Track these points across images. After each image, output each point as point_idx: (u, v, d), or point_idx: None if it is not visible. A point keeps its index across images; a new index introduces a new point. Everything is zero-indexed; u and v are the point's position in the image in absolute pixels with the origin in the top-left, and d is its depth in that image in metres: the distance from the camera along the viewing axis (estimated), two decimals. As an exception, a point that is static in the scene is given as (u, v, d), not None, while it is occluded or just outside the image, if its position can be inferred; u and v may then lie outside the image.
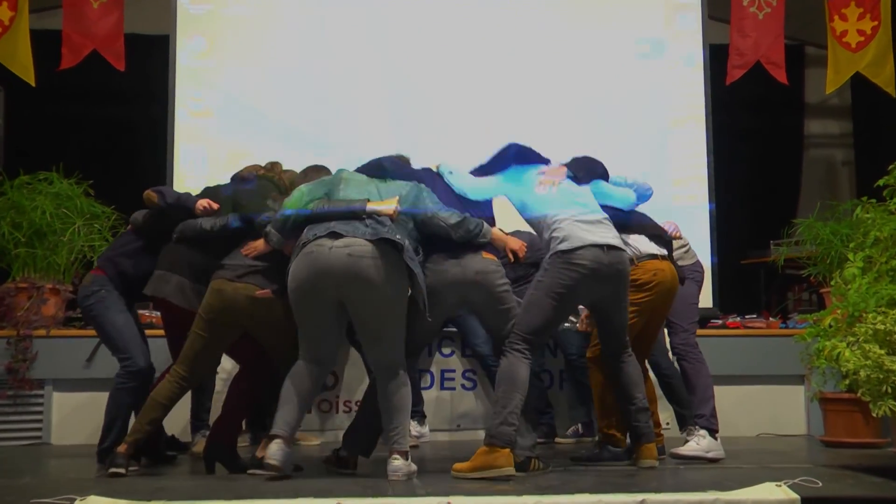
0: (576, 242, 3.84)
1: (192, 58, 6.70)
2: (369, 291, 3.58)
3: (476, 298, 3.94)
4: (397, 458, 3.60)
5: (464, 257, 3.86)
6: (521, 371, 3.79)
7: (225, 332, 3.94)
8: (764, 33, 7.03)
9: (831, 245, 5.99)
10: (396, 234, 3.61)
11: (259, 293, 3.83)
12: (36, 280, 5.67)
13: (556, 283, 3.83)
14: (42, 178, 5.93)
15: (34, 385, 5.44)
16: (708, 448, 4.33)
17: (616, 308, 4.01)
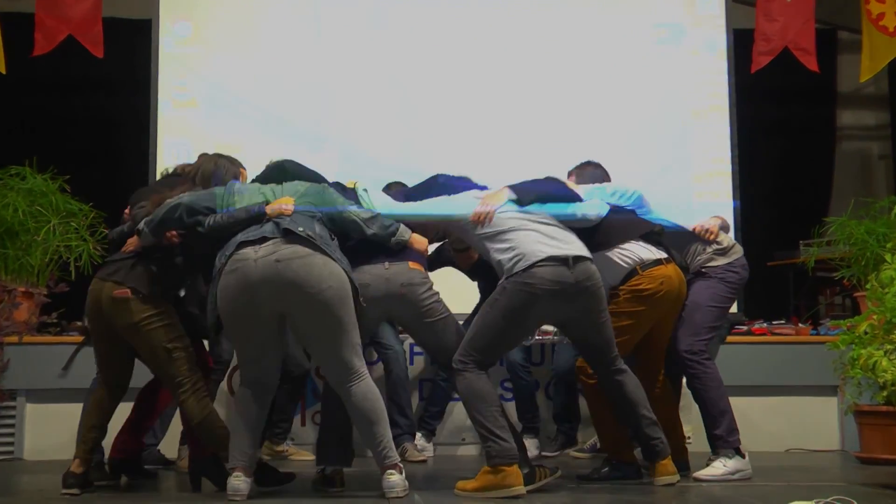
0: (531, 258, 3.75)
1: (176, 44, 6.69)
2: (309, 296, 3.54)
3: (402, 312, 3.94)
4: (393, 474, 3.58)
5: (388, 269, 3.85)
6: (482, 384, 3.76)
7: (106, 333, 3.95)
8: (793, 17, 6.98)
9: (866, 245, 5.97)
10: (299, 227, 3.60)
11: (116, 293, 3.83)
12: (7, 283, 5.67)
13: (511, 305, 3.76)
14: (14, 173, 5.93)
15: (5, 396, 5.44)
16: (735, 469, 4.22)
17: (591, 326, 3.89)
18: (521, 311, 3.76)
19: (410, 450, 5.19)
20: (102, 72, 7.15)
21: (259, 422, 3.75)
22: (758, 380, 5.74)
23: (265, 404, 3.78)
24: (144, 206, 4.01)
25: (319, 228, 3.70)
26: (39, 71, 6.87)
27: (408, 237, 3.93)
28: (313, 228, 3.66)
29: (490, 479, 3.66)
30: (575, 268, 3.76)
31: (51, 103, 7.69)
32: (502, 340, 3.87)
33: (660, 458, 3.99)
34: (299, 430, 5.51)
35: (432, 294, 3.93)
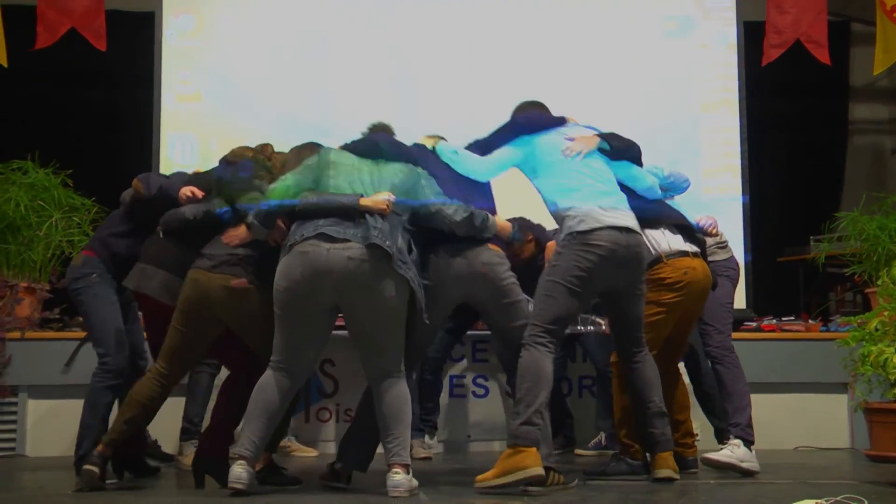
0: (592, 224, 3.85)
1: (179, 37, 6.71)
2: (369, 296, 3.60)
3: (481, 293, 3.95)
4: (398, 472, 3.59)
5: (469, 250, 3.88)
6: (546, 365, 3.79)
7: (203, 326, 3.94)
8: (805, 9, 6.97)
9: (878, 241, 5.96)
10: (387, 241, 3.61)
11: (234, 283, 3.83)
12: (9, 278, 5.69)
13: (572, 267, 3.83)
14: (16, 167, 5.94)
15: (7, 392, 5.45)
16: (742, 458, 4.31)
17: (631, 298, 4.00)
18: (581, 272, 3.83)
19: (416, 447, 5.20)
20: (105, 65, 7.17)
21: (278, 413, 3.73)
22: (767, 377, 5.74)
23: (290, 396, 3.77)
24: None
25: (402, 241, 3.70)
26: (41, 64, 6.88)
27: (495, 230, 3.96)
28: (396, 241, 3.65)
29: (508, 463, 3.66)
30: (627, 236, 3.89)
31: (53, 97, 7.70)
32: (565, 305, 3.87)
33: (660, 450, 4.00)
34: (303, 427, 5.52)
35: (511, 275, 3.96)
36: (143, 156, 6.60)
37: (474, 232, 3.88)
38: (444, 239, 3.89)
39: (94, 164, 6.95)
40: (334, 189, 3.80)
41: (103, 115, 7.70)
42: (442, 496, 3.59)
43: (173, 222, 4.10)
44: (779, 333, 6.15)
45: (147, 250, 4.15)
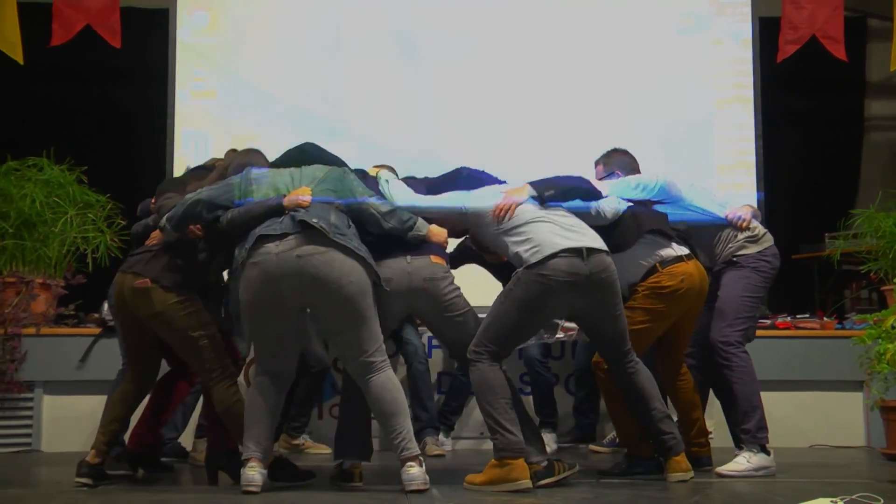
0: (547, 250, 3.76)
1: (193, 34, 6.74)
2: (330, 290, 3.60)
3: (423, 307, 3.96)
4: (413, 466, 3.59)
5: (411, 263, 3.86)
6: (494, 377, 3.78)
7: (133, 326, 3.99)
8: (821, 4, 6.93)
9: (894, 238, 5.93)
10: (313, 218, 3.62)
11: (137, 283, 3.87)
12: (25, 274, 5.72)
13: (525, 297, 3.77)
14: (31, 164, 5.97)
15: (23, 387, 5.49)
16: (759, 465, 4.19)
17: (605, 317, 3.89)
18: (536, 302, 3.78)
19: (430, 444, 5.20)
20: (120, 62, 7.20)
21: (276, 413, 3.78)
22: (782, 374, 5.72)
23: (282, 396, 3.81)
24: (171, 196, 4.04)
25: (335, 217, 3.71)
26: (56, 61, 6.92)
27: (425, 231, 3.94)
28: (328, 218, 3.67)
29: (496, 473, 3.69)
30: (589, 259, 3.77)
31: (68, 93, 7.74)
32: (516, 331, 3.87)
33: (672, 454, 3.98)
34: (316, 424, 5.53)
35: (454, 289, 3.95)
36: (156, 152, 6.64)
37: (403, 227, 3.87)
38: (386, 252, 3.86)
39: (109, 160, 6.97)
40: (257, 192, 3.82)
41: (118, 111, 7.73)
42: (455, 493, 3.59)
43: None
44: (793, 331, 6.12)
45: None
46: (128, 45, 6.75)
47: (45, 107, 7.62)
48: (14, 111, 7.08)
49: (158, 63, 6.77)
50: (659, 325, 4.19)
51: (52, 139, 6.31)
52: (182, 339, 3.89)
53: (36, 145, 6.15)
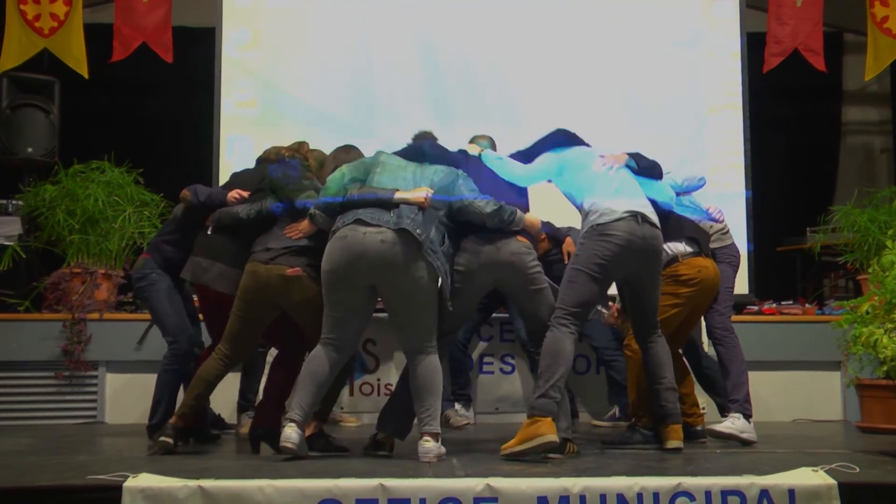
0: (610, 215, 3.85)
1: (237, 49, 6.74)
2: (399, 277, 3.63)
3: (509, 280, 3.94)
4: (428, 440, 3.62)
5: (499, 240, 3.87)
6: (566, 345, 3.79)
7: (261, 312, 3.99)
8: (802, 21, 6.88)
9: (869, 232, 5.90)
10: (417, 229, 3.63)
11: (289, 272, 3.87)
12: (89, 265, 5.77)
13: (591, 256, 3.83)
14: (95, 167, 6.03)
15: (89, 366, 5.54)
16: (742, 429, 4.31)
17: (649, 284, 3.98)
18: (601, 261, 3.82)
19: (453, 416, 5.20)
20: (172, 76, 7.22)
21: (325, 383, 3.77)
22: (767, 356, 5.70)
23: (337, 368, 3.79)
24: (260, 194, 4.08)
25: (435, 233, 3.73)
26: (116, 75, 6.95)
27: (522, 225, 3.94)
28: (429, 231, 3.69)
29: (527, 430, 3.68)
30: (643, 227, 3.85)
31: (126, 104, 7.77)
32: (587, 291, 3.86)
33: (671, 422, 3.99)
34: (347, 399, 5.55)
35: (537, 265, 3.96)
36: (203, 156, 6.66)
37: (503, 224, 3.87)
38: (476, 230, 3.89)
39: (162, 163, 7.01)
40: (378, 184, 3.83)
41: (169, 120, 7.75)
42: (473, 463, 3.59)
43: (226, 219, 4.14)
44: (778, 316, 6.10)
45: (200, 245, 4.21)
46: (179, 60, 6.77)
47: (106, 116, 7.66)
48: (80, 120, 7.11)
49: (205, 76, 6.78)
50: (685, 308, 4.26)
51: (113, 145, 6.37)
52: (315, 318, 3.83)
53: (98, 150, 6.20)
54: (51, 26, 6.46)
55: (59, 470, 3.32)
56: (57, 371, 5.50)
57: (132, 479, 2.90)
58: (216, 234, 4.18)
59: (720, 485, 2.95)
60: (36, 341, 5.49)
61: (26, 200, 5.97)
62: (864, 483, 3.08)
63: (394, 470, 3.30)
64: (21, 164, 6.31)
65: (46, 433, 4.88)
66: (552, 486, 2.92)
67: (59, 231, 5.77)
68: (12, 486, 3.00)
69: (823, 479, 3.00)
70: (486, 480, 2.92)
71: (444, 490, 2.90)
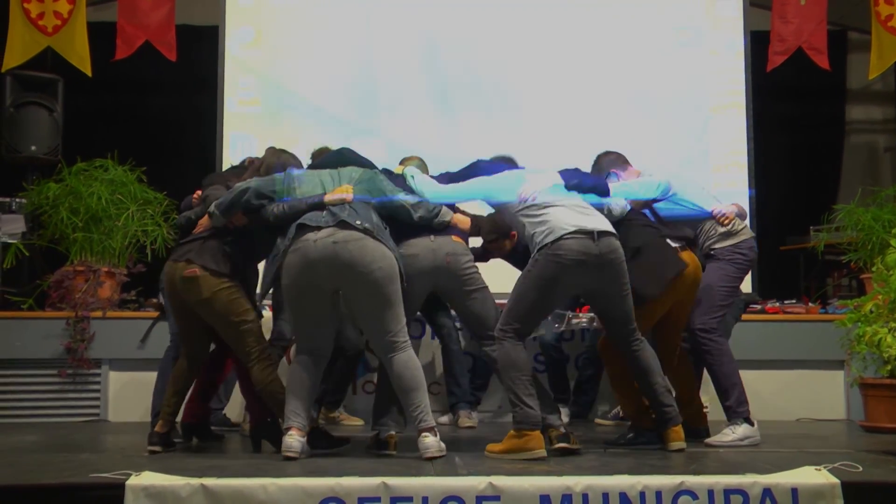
0: (559, 232, 3.73)
1: (240, 48, 6.74)
2: (360, 272, 3.62)
3: (446, 283, 3.96)
4: (427, 436, 3.62)
5: (434, 241, 3.89)
6: (517, 354, 3.77)
7: (184, 311, 4.01)
8: (806, 19, 6.88)
9: (873, 231, 5.88)
10: (356, 220, 3.66)
11: (187, 272, 3.87)
12: (92, 263, 5.77)
13: (541, 275, 3.75)
14: (98, 165, 6.02)
15: (92, 364, 5.54)
16: (744, 435, 4.20)
17: (616, 295, 3.85)
18: (551, 281, 3.75)
19: (462, 417, 5.20)
20: (175, 74, 7.23)
21: (313, 387, 3.79)
22: (771, 355, 5.68)
23: (318, 372, 3.82)
24: (217, 188, 4.07)
25: (376, 217, 3.76)
26: (120, 73, 6.96)
27: (449, 218, 3.97)
28: (370, 219, 3.71)
29: (515, 443, 3.69)
30: (600, 241, 3.74)
31: (129, 102, 7.78)
32: (536, 309, 3.84)
33: (671, 425, 3.95)
34: (350, 398, 5.55)
35: (473, 265, 3.97)
36: (207, 154, 6.65)
37: (429, 216, 3.91)
38: (408, 234, 3.90)
39: (166, 161, 7.00)
40: (299, 190, 3.85)
41: (173, 118, 7.76)
42: (475, 461, 3.59)
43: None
44: (781, 315, 6.08)
45: None
46: (182, 59, 6.78)
47: (109, 114, 7.66)
48: (83, 118, 7.12)
49: (209, 74, 6.78)
50: (660, 306, 4.17)
51: (116, 143, 6.36)
52: (225, 323, 3.90)
53: (102, 148, 6.20)
54: (54, 24, 6.47)
55: (63, 468, 3.33)
56: (60, 369, 5.50)
57: (135, 477, 2.90)
58: None
59: (723, 483, 2.95)
60: (39, 339, 5.50)
61: (30, 198, 5.97)
62: (867, 482, 3.08)
63: (396, 468, 3.30)
64: (25, 163, 6.32)
65: (50, 431, 4.88)
66: (555, 485, 2.92)
67: (63, 229, 5.77)
68: (16, 483, 3.01)
69: (827, 479, 2.99)
70: (489, 479, 2.92)
71: (446, 488, 2.90)
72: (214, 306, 3.87)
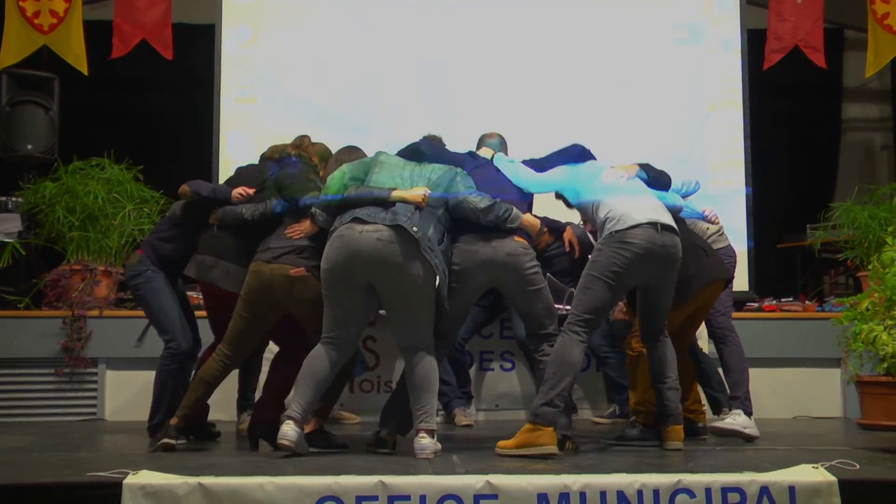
0: (629, 221, 3.81)
1: (237, 46, 6.73)
2: (396, 275, 3.63)
3: (506, 280, 3.93)
4: (424, 437, 3.63)
5: (494, 239, 3.86)
6: (574, 353, 3.77)
7: (265, 313, 3.99)
8: (803, 17, 6.89)
9: (869, 229, 5.90)
10: (413, 226, 3.64)
11: (293, 272, 3.87)
12: (89, 262, 5.77)
13: (609, 263, 3.79)
14: (94, 164, 6.02)
15: (88, 363, 5.53)
16: (743, 425, 4.31)
17: (664, 290, 3.95)
18: (617, 269, 3.78)
19: (459, 415, 5.20)
20: (171, 72, 7.22)
21: (325, 381, 3.77)
22: (768, 353, 5.68)
23: (336, 367, 3.79)
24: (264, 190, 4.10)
25: (433, 231, 3.73)
26: (116, 72, 6.95)
27: (519, 222, 3.91)
28: (427, 231, 3.70)
29: (526, 437, 3.68)
30: (663, 235, 3.81)
31: (126, 100, 7.77)
32: (602, 298, 3.84)
33: (672, 423, 3.97)
34: (347, 397, 5.54)
35: (535, 265, 3.93)
36: (203, 153, 6.65)
37: (498, 221, 3.86)
38: (472, 229, 3.88)
39: (162, 160, 7.00)
40: (376, 183, 3.83)
41: (169, 116, 7.74)
42: (473, 460, 3.59)
43: (230, 219, 4.13)
44: (778, 313, 6.10)
45: (204, 243, 4.18)
46: (178, 57, 6.78)
47: (106, 113, 7.65)
48: (79, 117, 7.11)
49: (205, 73, 6.78)
50: (685, 310, 4.21)
51: (112, 142, 6.36)
52: (318, 318, 3.82)
53: (98, 147, 6.19)
54: (50, 23, 6.46)
55: (60, 467, 3.33)
56: (57, 368, 5.49)
57: (132, 475, 2.90)
58: (220, 231, 4.17)
59: (720, 482, 2.96)
60: (36, 338, 5.49)
61: (26, 197, 5.97)
62: (864, 480, 3.09)
63: (394, 467, 3.30)
64: (21, 161, 6.31)
65: (47, 430, 4.88)
66: (552, 483, 2.92)
67: (59, 228, 5.77)
68: (13, 482, 3.00)
69: (824, 476, 3.00)
70: (487, 477, 2.92)
71: (444, 487, 2.90)
72: (318, 304, 3.81)
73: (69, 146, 6.34)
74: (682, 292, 4.08)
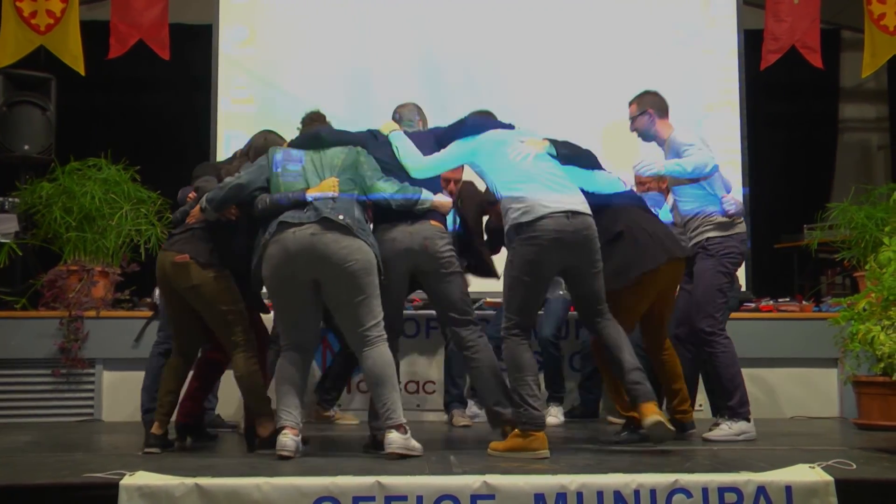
0: (536, 213, 3.73)
1: (234, 46, 6.73)
2: (339, 263, 3.64)
3: (423, 265, 3.94)
4: (391, 432, 3.62)
5: (410, 225, 3.88)
6: (522, 353, 3.77)
7: (175, 301, 4.02)
8: (800, 17, 6.90)
9: (866, 229, 5.90)
10: (339, 215, 3.67)
11: (177, 258, 3.90)
12: (86, 263, 5.76)
13: (524, 262, 3.76)
14: (91, 164, 6.01)
15: (85, 364, 5.53)
16: (739, 431, 4.25)
17: (587, 273, 3.86)
18: (532, 264, 3.75)
19: (457, 416, 5.20)
20: (169, 73, 7.23)
21: (302, 383, 3.80)
22: (765, 353, 5.69)
23: (307, 367, 3.83)
24: (209, 180, 4.07)
25: (358, 212, 3.76)
26: (113, 72, 6.94)
27: (429, 204, 3.94)
28: (352, 213, 3.72)
29: (519, 442, 3.68)
30: (573, 220, 3.76)
31: (123, 101, 7.77)
32: (526, 296, 3.81)
33: (641, 400, 3.78)
34: (345, 397, 5.54)
35: (450, 248, 3.96)
36: (201, 153, 6.62)
37: (408, 204, 3.88)
38: (387, 218, 3.90)
39: (159, 160, 6.98)
40: (283, 183, 3.84)
41: (166, 117, 7.74)
42: (470, 460, 3.59)
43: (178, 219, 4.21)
44: (775, 313, 6.10)
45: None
46: (175, 58, 6.77)
47: (103, 113, 7.64)
48: (76, 117, 7.10)
49: (202, 73, 6.78)
50: (639, 301, 4.16)
51: (110, 142, 6.35)
52: (214, 311, 3.92)
53: (95, 147, 6.18)
54: (47, 23, 6.45)
55: (57, 467, 3.32)
56: (54, 368, 5.48)
57: (129, 476, 2.90)
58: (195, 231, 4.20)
59: (717, 481, 2.96)
60: (33, 339, 5.48)
61: (23, 198, 5.95)
62: (861, 480, 3.09)
63: (391, 467, 3.30)
64: (17, 162, 6.30)
65: (43, 431, 4.88)
66: (549, 483, 2.92)
67: (56, 228, 5.76)
68: (10, 483, 3.00)
69: (820, 476, 3.00)
70: (484, 478, 2.92)
71: (441, 487, 2.90)
72: (203, 294, 3.89)
73: (66, 146, 6.33)
74: (619, 276, 4.01)
